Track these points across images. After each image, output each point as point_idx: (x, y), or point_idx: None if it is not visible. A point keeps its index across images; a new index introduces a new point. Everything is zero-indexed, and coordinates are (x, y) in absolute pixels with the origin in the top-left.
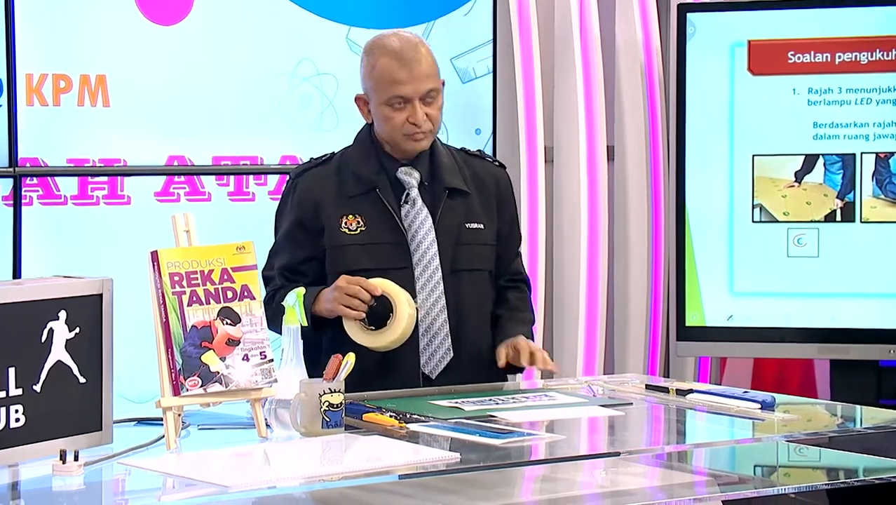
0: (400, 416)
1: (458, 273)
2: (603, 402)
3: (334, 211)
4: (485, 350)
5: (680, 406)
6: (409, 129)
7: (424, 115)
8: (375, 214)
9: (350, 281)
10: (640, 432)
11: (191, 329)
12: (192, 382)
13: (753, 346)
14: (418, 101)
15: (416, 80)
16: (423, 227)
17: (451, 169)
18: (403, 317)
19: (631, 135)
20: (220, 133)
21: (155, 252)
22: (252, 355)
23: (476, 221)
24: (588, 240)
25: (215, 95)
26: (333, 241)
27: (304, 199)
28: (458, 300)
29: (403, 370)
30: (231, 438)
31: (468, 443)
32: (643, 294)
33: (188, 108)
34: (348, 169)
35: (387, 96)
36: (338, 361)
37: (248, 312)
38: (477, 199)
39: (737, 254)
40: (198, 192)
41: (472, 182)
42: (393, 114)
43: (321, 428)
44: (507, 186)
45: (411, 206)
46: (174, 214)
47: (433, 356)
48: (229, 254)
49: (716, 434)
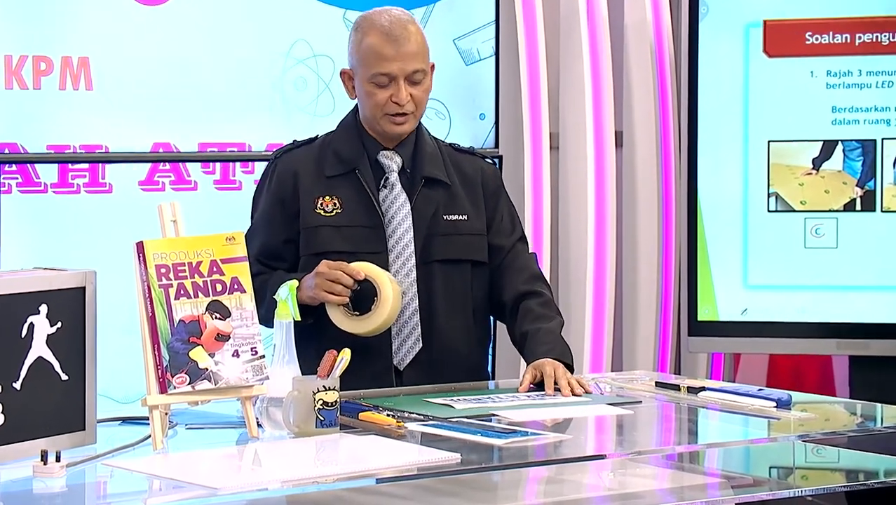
0: (397, 415)
1: (429, 264)
2: (611, 400)
3: (310, 191)
4: (458, 345)
5: (691, 404)
6: (391, 108)
7: (409, 95)
8: (353, 196)
9: (331, 266)
10: (650, 432)
11: (178, 324)
12: (179, 380)
13: (768, 341)
14: (403, 81)
15: (403, 59)
16: (401, 212)
17: (433, 159)
18: (388, 299)
19: (640, 120)
20: (208, 118)
21: (140, 243)
22: (242, 351)
23: (457, 213)
24: (595, 230)
25: (204, 79)
26: (307, 221)
27: (284, 178)
28: (429, 291)
29: (374, 359)
30: (220, 439)
31: (469, 443)
32: (653, 287)
33: (175, 93)
34: (330, 150)
35: (371, 72)
36: (332, 357)
37: (238, 305)
38: (461, 190)
39: (751, 245)
40: (183, 181)
41: (456, 174)
42: (376, 91)
43: (315, 427)
44: (495, 178)
45: (389, 190)
46: (160, 204)
47: (402, 346)
48: (218, 245)
49: (729, 434)
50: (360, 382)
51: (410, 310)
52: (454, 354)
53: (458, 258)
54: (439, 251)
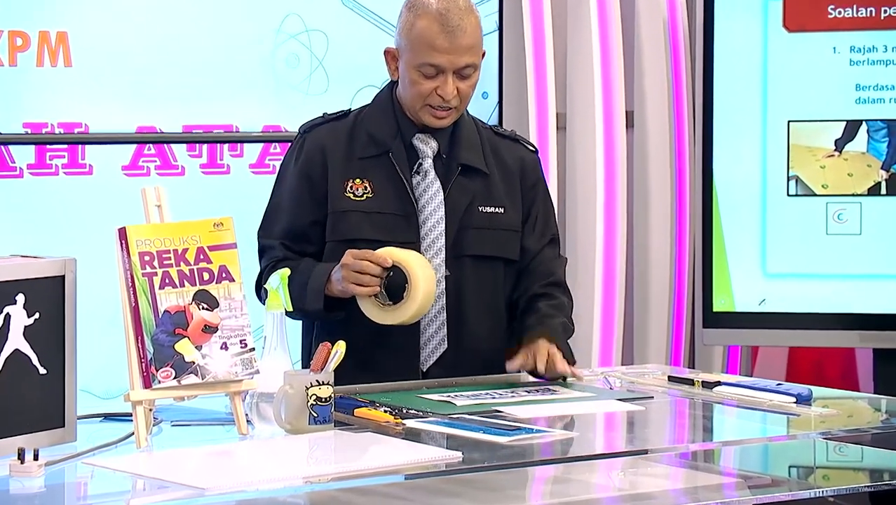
0: (395, 411)
1: (460, 259)
2: (621, 395)
3: (340, 172)
4: (484, 347)
5: (706, 400)
6: (435, 101)
7: (455, 89)
8: (384, 181)
9: (356, 256)
10: (662, 429)
11: (163, 315)
12: (164, 374)
13: (788, 333)
14: (452, 74)
15: (456, 52)
16: (434, 201)
17: (472, 145)
18: (419, 285)
19: (652, 99)
20: (194, 98)
21: (123, 229)
22: (231, 344)
23: (493, 205)
24: (604, 216)
25: (190, 55)
26: (336, 205)
27: (313, 155)
28: (458, 288)
29: (400, 357)
30: (208, 436)
31: (471, 441)
32: (666, 276)
33: (159, 70)
34: (363, 129)
35: (420, 61)
36: (326, 350)
37: (226, 295)
38: (499, 180)
39: (770, 231)
40: (169, 165)
41: (494, 162)
42: (422, 80)
43: (308, 424)
44: (535, 170)
45: (423, 177)
46: (144, 187)
47: (426, 346)
48: (206, 231)
49: (746, 431)
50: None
51: (437, 307)
52: (480, 357)
53: (491, 255)
54: (472, 245)
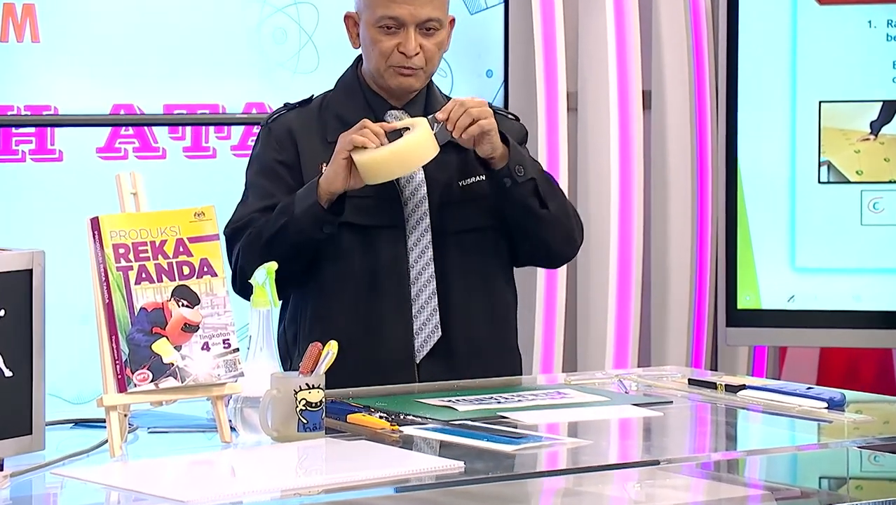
0: (391, 417)
1: (447, 237)
2: (637, 400)
3: (314, 157)
4: (482, 333)
5: (730, 405)
6: (397, 59)
7: (418, 46)
8: None
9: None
10: (682, 437)
11: (139, 312)
12: (140, 376)
13: (819, 332)
14: (414, 28)
15: (417, 3)
16: (414, 180)
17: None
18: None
19: (672, 78)
20: (175, 76)
21: (95, 219)
22: (213, 344)
23: (473, 175)
24: (619, 205)
25: (171, 30)
26: None
27: (282, 140)
28: (448, 269)
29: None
30: (188, 444)
31: (474, 449)
32: (686, 270)
33: (137, 46)
34: (330, 112)
35: (378, 15)
36: (317, 350)
37: (208, 291)
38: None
39: (799, 222)
40: (149, 147)
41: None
42: (382, 37)
43: (297, 431)
44: (517, 135)
45: None
46: (119, 173)
47: (418, 334)
48: (186, 221)
49: (773, 439)
50: (373, 376)
51: (428, 291)
52: (478, 344)
53: (474, 227)
54: (454, 223)
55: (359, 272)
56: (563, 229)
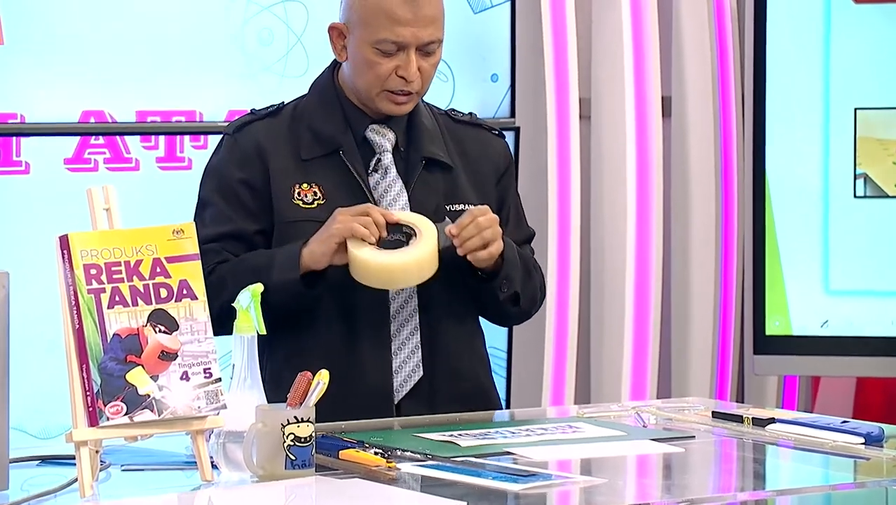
0: (388, 453)
1: None
2: (656, 434)
3: (284, 177)
4: (464, 373)
5: (758, 440)
6: (394, 84)
7: (417, 69)
8: (337, 183)
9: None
10: (706, 475)
11: (112, 339)
12: (113, 409)
13: (855, 361)
14: (415, 51)
15: (420, 24)
16: (398, 202)
17: (433, 135)
18: (431, 234)
19: (693, 83)
20: (150, 80)
21: (65, 237)
22: (193, 373)
23: (461, 202)
24: (636, 220)
25: (146, 31)
26: (283, 214)
27: (249, 155)
28: (432, 303)
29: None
30: (165, 483)
31: (477, 488)
32: (709, 293)
33: (109, 48)
34: (303, 125)
35: (378, 37)
36: (306, 380)
37: (188, 315)
38: (463, 174)
39: (833, 240)
40: (121, 158)
41: (456, 154)
42: (380, 60)
43: (285, 469)
44: (506, 158)
45: (382, 175)
46: (90, 187)
47: (398, 372)
48: (163, 239)
49: (805, 478)
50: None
51: (411, 326)
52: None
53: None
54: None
55: (335, 307)
56: (524, 315)
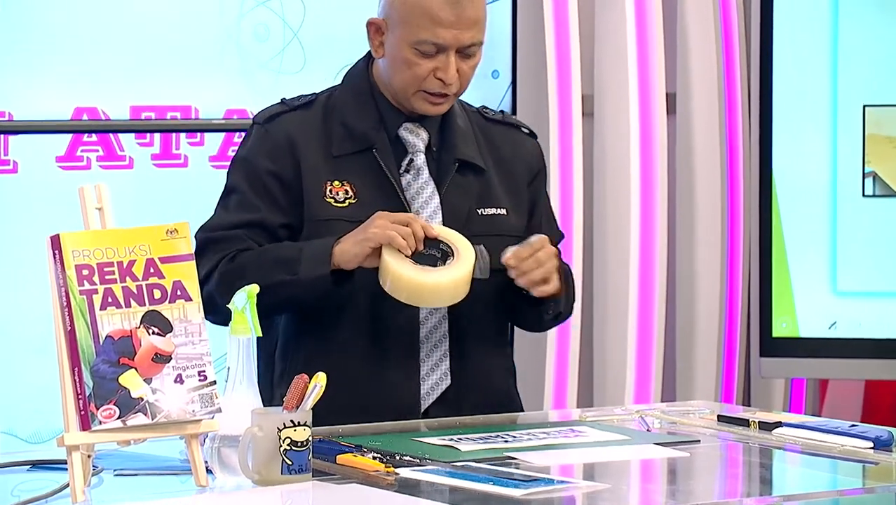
0: (387, 458)
1: None
2: (660, 438)
3: (317, 173)
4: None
5: (764, 445)
6: (432, 86)
7: (456, 71)
8: (369, 182)
9: (395, 213)
10: (711, 480)
11: (105, 341)
12: (106, 413)
13: (864, 363)
14: (455, 53)
15: (462, 26)
16: (429, 205)
17: (467, 135)
18: (468, 258)
19: (699, 79)
20: (144, 76)
21: (56, 237)
22: (188, 376)
23: (494, 206)
24: (640, 219)
25: (139, 26)
26: (315, 212)
27: (281, 152)
28: (462, 312)
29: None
30: (159, 488)
31: (478, 494)
32: (715, 294)
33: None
34: (336, 119)
35: (418, 37)
36: (303, 383)
37: (182, 317)
38: (496, 176)
39: (841, 239)
40: (115, 156)
41: (489, 154)
42: (419, 61)
43: (281, 474)
44: (539, 160)
45: (415, 176)
46: (82, 186)
47: (425, 379)
48: (157, 239)
49: (813, 482)
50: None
51: (439, 334)
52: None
53: (495, 267)
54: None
55: (363, 308)
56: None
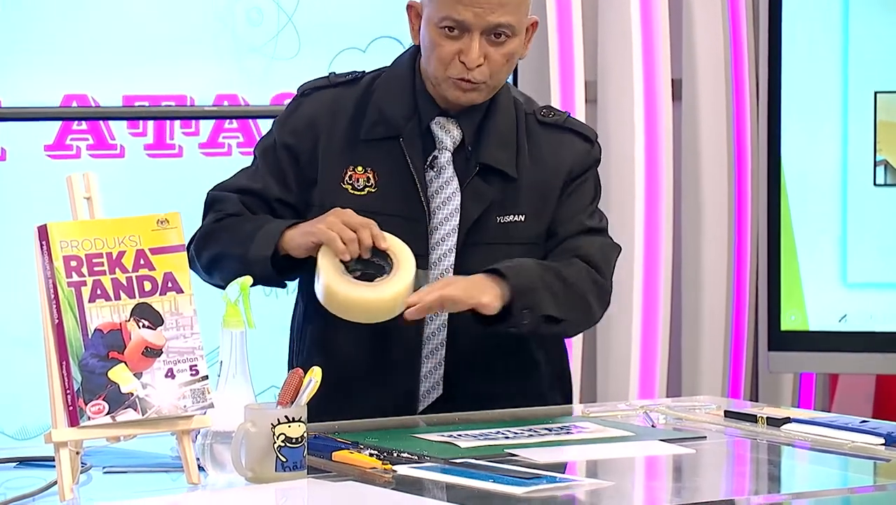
0: (384, 454)
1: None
2: (665, 435)
3: (338, 156)
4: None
5: (772, 441)
6: (456, 70)
7: (482, 56)
8: (392, 173)
9: (355, 217)
10: (718, 477)
11: (94, 334)
12: (95, 408)
13: (875, 357)
14: (479, 35)
15: (485, 5)
16: (448, 205)
17: (505, 140)
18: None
19: (705, 64)
20: (136, 63)
21: (44, 227)
22: (179, 370)
23: (513, 213)
24: (645, 209)
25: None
26: (328, 197)
27: (302, 128)
28: (456, 321)
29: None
30: (149, 486)
31: (478, 492)
32: (721, 286)
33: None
34: (374, 103)
35: (441, 14)
36: (298, 377)
37: (173, 310)
38: (528, 185)
39: (852, 230)
40: (105, 145)
41: (529, 159)
42: (443, 41)
43: (275, 471)
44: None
45: (437, 173)
46: (70, 175)
47: (424, 380)
48: (147, 230)
49: (822, 480)
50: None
51: (437, 341)
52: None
53: None
54: (480, 266)
55: None
56: (576, 327)
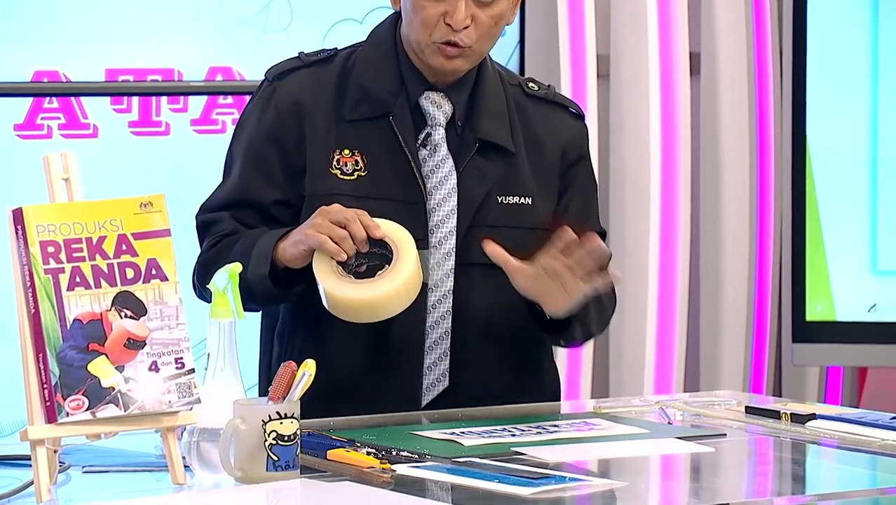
0: (382, 453)
1: (470, 267)
2: (683, 432)
3: (324, 141)
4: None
5: (797, 439)
6: (442, 33)
7: (469, 17)
8: (382, 153)
9: (343, 209)
10: (738, 477)
11: (73, 325)
12: (74, 403)
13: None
14: None
15: None
16: (445, 185)
17: (497, 111)
18: (407, 268)
19: (725, 37)
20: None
21: (18, 210)
22: (163, 363)
23: (518, 194)
24: (661, 192)
25: None
26: (317, 185)
27: (285, 114)
28: (463, 307)
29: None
30: (132, 486)
31: (482, 493)
32: (743, 274)
33: None
34: (353, 79)
35: None
36: (290, 371)
37: (157, 299)
38: (526, 160)
39: (882, 213)
40: (79, 124)
41: (522, 135)
42: (426, 3)
43: (266, 470)
44: (579, 144)
45: (431, 152)
46: (47, 155)
47: (427, 373)
48: (129, 213)
49: (849, 480)
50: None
51: (441, 329)
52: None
53: None
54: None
55: None
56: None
